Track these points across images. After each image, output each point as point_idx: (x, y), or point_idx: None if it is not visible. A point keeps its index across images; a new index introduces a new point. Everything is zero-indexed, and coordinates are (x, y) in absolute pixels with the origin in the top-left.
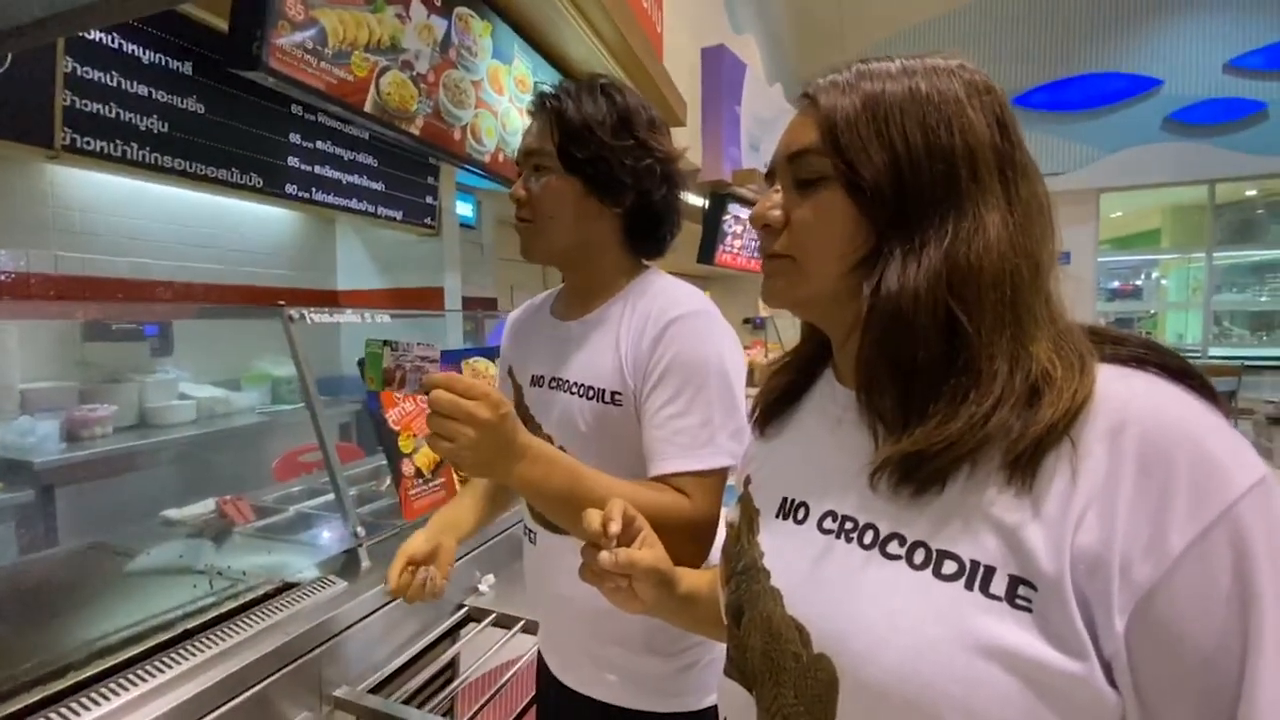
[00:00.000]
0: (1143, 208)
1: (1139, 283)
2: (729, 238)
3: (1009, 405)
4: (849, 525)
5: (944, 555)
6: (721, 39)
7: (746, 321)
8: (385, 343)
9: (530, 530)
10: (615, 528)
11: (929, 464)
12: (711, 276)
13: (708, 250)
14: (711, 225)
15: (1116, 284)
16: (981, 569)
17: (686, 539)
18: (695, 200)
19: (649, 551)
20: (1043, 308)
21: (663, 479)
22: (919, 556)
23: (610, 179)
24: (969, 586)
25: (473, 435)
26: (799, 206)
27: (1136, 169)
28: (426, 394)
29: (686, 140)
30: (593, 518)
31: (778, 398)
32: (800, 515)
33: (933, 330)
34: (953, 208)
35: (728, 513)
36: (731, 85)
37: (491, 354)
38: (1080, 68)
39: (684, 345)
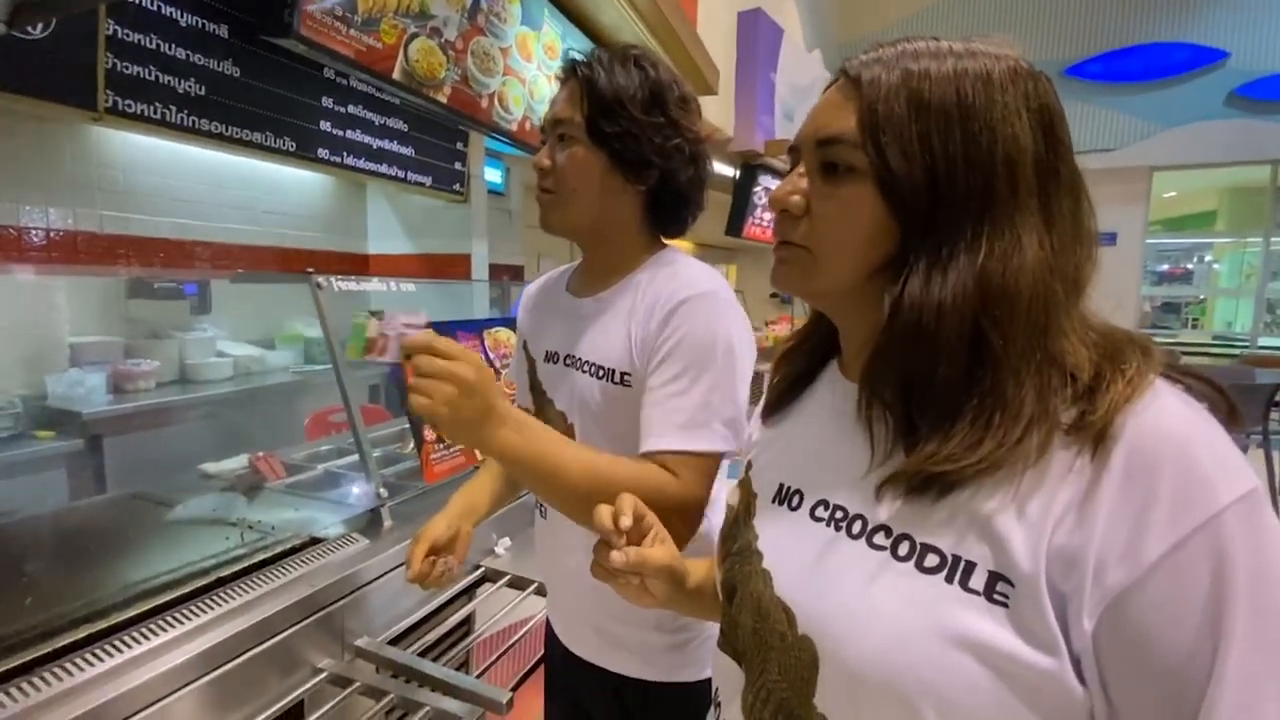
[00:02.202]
0: (1199, 188)
1: (1190, 266)
2: (759, 210)
3: (1043, 429)
4: (839, 515)
5: (927, 548)
6: (759, 2)
7: (774, 295)
8: (372, 313)
9: (541, 503)
10: (626, 521)
11: (951, 478)
12: (739, 249)
13: (736, 222)
14: (741, 197)
15: (1165, 267)
16: (963, 564)
17: (670, 517)
18: (726, 170)
19: (661, 549)
20: (1076, 325)
21: (653, 455)
22: (904, 548)
23: (637, 156)
24: (949, 580)
25: (451, 392)
26: (823, 197)
27: (1195, 146)
28: (409, 359)
29: (719, 108)
30: (604, 515)
31: (787, 386)
32: (795, 502)
33: (957, 347)
34: (987, 222)
35: (728, 495)
36: (767, 51)
37: (514, 323)
38: (1141, 37)
39: (693, 326)
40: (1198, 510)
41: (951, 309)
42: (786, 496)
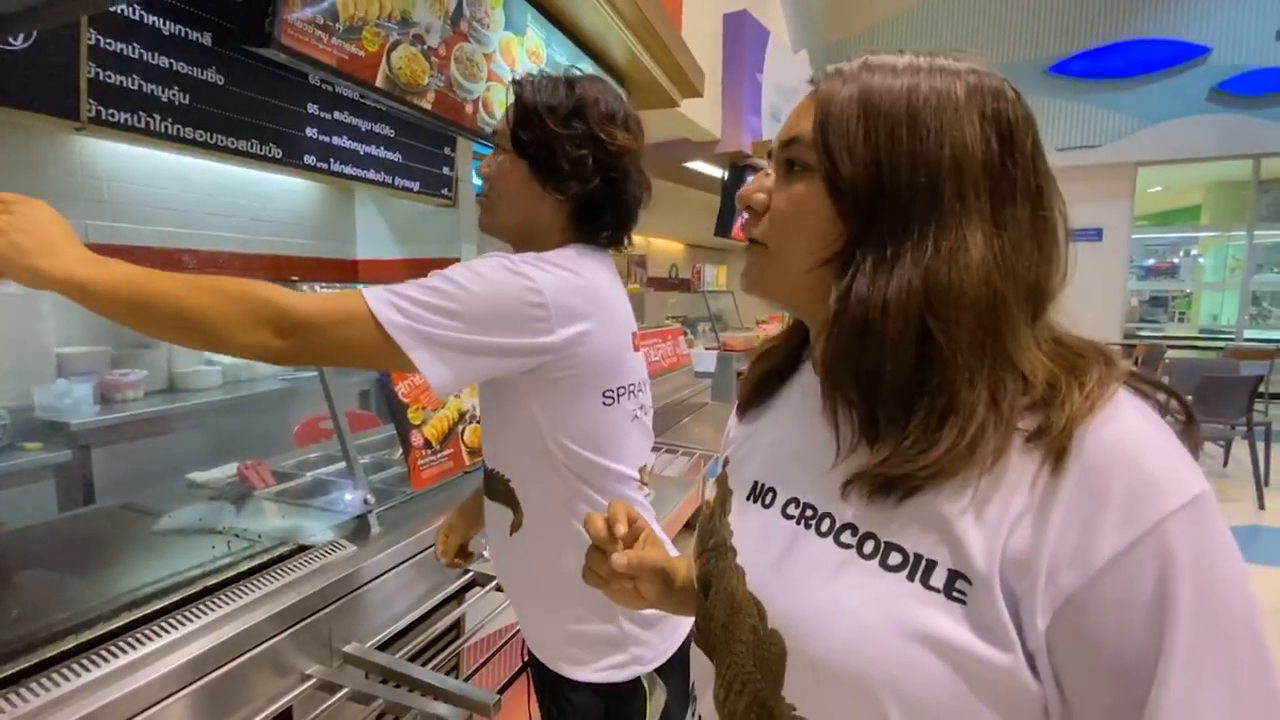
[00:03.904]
0: (1184, 183)
1: (1176, 260)
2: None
3: (1000, 433)
4: (809, 513)
5: (891, 547)
6: (744, 4)
7: None
8: None
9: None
10: (622, 529)
11: (910, 483)
12: (729, 249)
13: (725, 223)
14: (730, 198)
15: (1152, 261)
16: (924, 562)
17: (256, 312)
18: (713, 171)
19: (654, 551)
20: (1035, 331)
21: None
22: (869, 547)
23: (552, 164)
24: (911, 578)
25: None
26: (780, 192)
27: (1178, 142)
28: None
29: (706, 110)
30: (597, 522)
31: (761, 383)
32: (768, 500)
33: (902, 345)
34: (934, 222)
35: (707, 491)
36: (753, 53)
37: None
38: (1123, 34)
39: (483, 259)
40: (1146, 515)
41: (895, 305)
42: (760, 494)
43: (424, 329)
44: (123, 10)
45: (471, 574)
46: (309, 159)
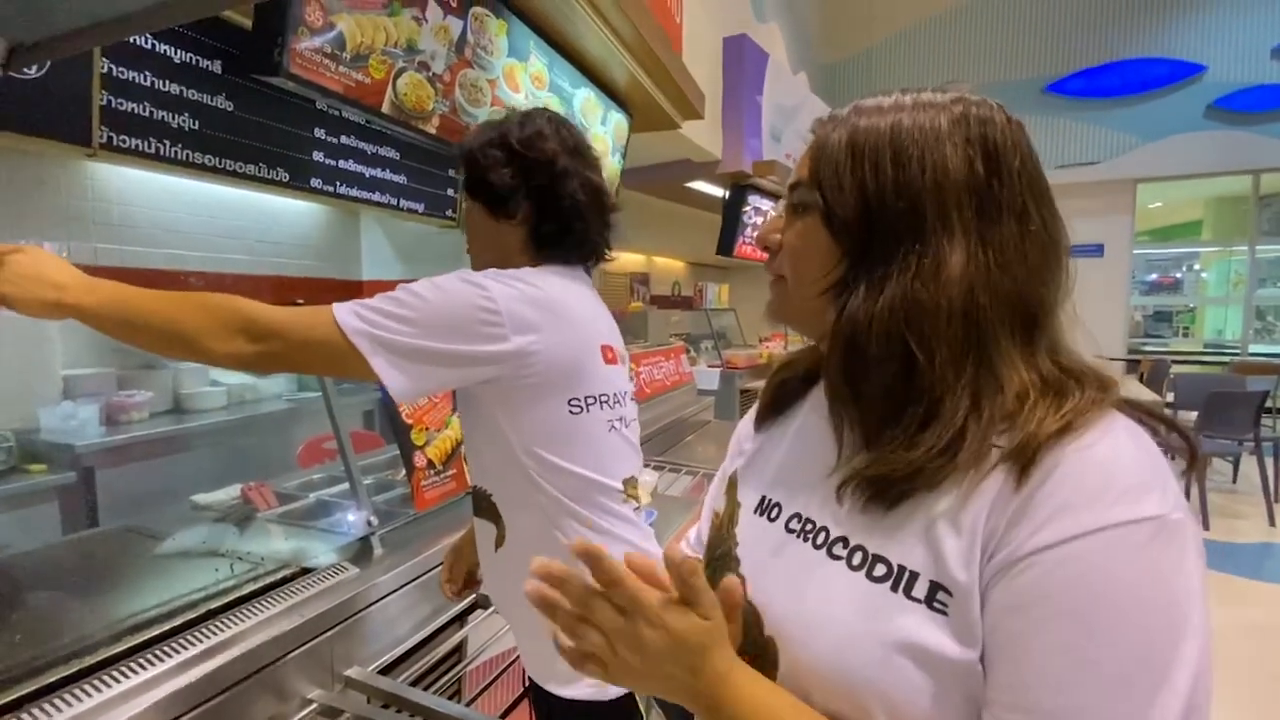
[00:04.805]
0: (1184, 199)
1: (1179, 275)
2: (749, 229)
3: (978, 439)
4: (808, 526)
5: (877, 559)
6: (744, 28)
7: None
8: None
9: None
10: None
11: (895, 486)
12: (732, 267)
13: (727, 242)
14: (731, 217)
15: (1154, 277)
16: (906, 574)
17: (230, 323)
18: (715, 191)
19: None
20: (1033, 348)
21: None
22: (857, 558)
23: (492, 194)
24: (895, 589)
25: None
26: (789, 230)
27: (1177, 158)
28: None
29: (706, 131)
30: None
31: (778, 392)
32: (773, 514)
33: (886, 359)
34: (917, 243)
35: (714, 502)
36: (753, 75)
37: None
38: (1120, 53)
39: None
40: (1084, 522)
41: (878, 322)
42: (767, 508)
43: (380, 334)
44: (135, 39)
45: (474, 597)
46: (315, 182)
